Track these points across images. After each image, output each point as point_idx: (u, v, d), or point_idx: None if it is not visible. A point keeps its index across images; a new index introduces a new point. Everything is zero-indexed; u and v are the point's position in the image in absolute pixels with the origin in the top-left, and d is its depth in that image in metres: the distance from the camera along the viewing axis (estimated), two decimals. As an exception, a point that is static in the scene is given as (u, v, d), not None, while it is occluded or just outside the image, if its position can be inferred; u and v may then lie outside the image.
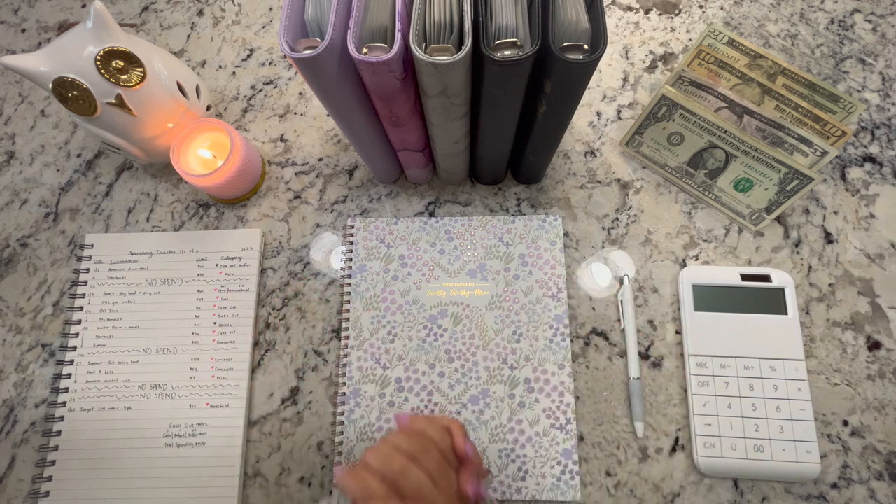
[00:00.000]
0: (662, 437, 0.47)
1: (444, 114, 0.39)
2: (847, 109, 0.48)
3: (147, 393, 0.50)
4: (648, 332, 0.50)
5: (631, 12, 0.61)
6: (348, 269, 0.52)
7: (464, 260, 0.52)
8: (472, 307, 0.50)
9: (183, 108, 0.51)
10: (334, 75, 0.34)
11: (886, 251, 0.51)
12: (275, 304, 0.53)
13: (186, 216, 0.56)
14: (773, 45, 0.58)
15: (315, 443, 0.49)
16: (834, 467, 0.45)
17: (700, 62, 0.49)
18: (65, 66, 0.44)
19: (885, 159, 0.53)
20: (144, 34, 0.63)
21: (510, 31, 0.33)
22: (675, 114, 0.49)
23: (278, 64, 0.61)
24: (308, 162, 0.57)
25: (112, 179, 0.58)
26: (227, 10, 0.64)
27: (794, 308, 0.48)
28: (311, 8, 0.35)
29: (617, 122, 0.56)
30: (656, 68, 0.58)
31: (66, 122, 0.61)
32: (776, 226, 0.52)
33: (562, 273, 0.51)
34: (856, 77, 0.56)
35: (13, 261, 0.56)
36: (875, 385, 0.47)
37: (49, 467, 0.48)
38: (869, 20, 0.59)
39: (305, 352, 0.51)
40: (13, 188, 0.58)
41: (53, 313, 0.54)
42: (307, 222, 0.55)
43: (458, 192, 0.55)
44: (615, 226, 0.53)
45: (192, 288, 0.53)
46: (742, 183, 0.50)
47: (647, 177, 0.54)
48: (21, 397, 0.51)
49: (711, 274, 0.49)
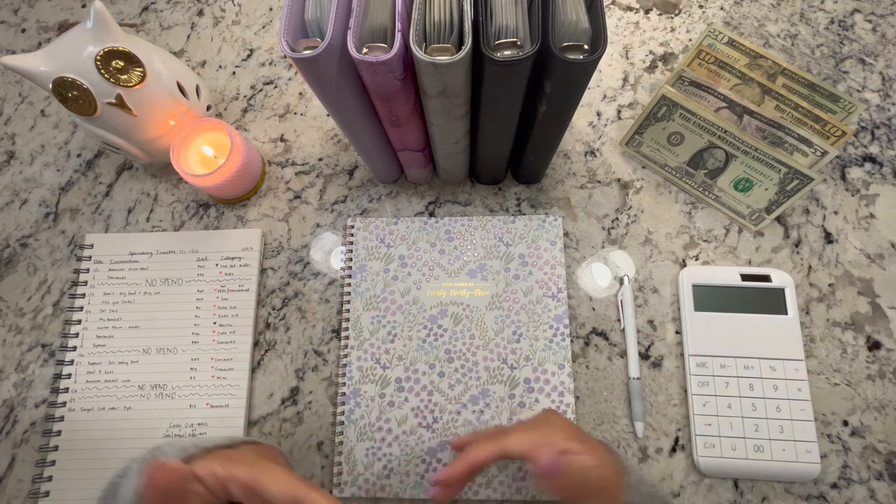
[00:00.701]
0: (662, 437, 0.47)
1: (444, 114, 0.39)
2: (847, 109, 0.48)
3: (147, 393, 0.50)
4: (648, 332, 0.50)
5: (631, 12, 0.61)
6: (348, 269, 0.52)
7: (464, 260, 0.52)
8: (472, 307, 0.50)
9: (183, 108, 0.51)
10: (334, 75, 0.34)
11: (886, 251, 0.51)
12: (275, 304, 0.53)
13: (186, 216, 0.56)
14: (773, 45, 0.58)
15: (315, 443, 0.49)
16: (834, 467, 0.45)
17: (700, 62, 0.49)
18: (65, 66, 0.44)
19: (885, 159, 0.53)
20: (144, 34, 0.63)
21: (510, 31, 0.33)
22: (675, 114, 0.49)
23: (278, 64, 0.61)
24: (308, 162, 0.57)
25: (112, 179, 0.58)
26: (227, 10, 0.64)
27: (794, 308, 0.48)
28: (311, 8, 0.35)
29: (617, 122, 0.56)
30: (656, 68, 0.58)
31: (66, 122, 0.61)
32: (776, 226, 0.52)
33: (562, 273, 0.51)
34: (856, 77, 0.56)
35: (13, 261, 0.56)
36: (875, 385, 0.47)
37: (49, 467, 0.48)
38: (869, 20, 0.59)
39: (305, 352, 0.51)
40: (13, 188, 0.58)
41: (53, 313, 0.54)
42: (307, 222, 0.55)
43: (458, 192, 0.55)
44: (615, 226, 0.53)
45: (192, 288, 0.53)
46: (742, 183, 0.50)
47: (647, 177, 0.54)
48: (21, 397, 0.51)
49: (711, 274, 0.49)
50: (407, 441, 0.47)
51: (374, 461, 0.47)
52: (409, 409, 0.48)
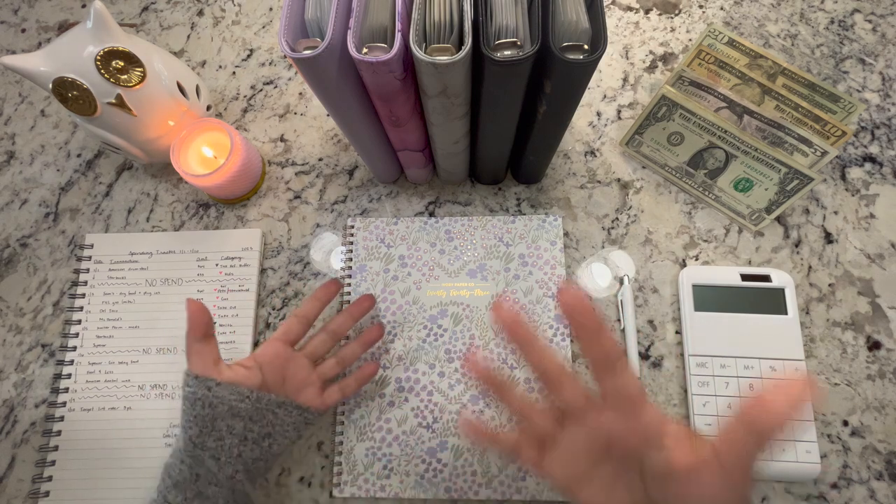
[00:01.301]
0: (662, 437, 0.47)
1: (444, 114, 0.39)
2: (847, 109, 0.48)
3: (147, 393, 0.50)
4: (648, 332, 0.50)
5: (631, 12, 0.61)
6: (348, 269, 0.52)
7: (464, 260, 0.52)
8: (472, 307, 0.50)
9: (183, 108, 0.51)
10: (334, 75, 0.34)
11: (886, 251, 0.51)
12: (275, 304, 0.53)
13: (186, 216, 0.56)
14: (773, 45, 0.58)
15: (315, 443, 0.49)
16: (834, 467, 0.45)
17: (700, 62, 0.49)
18: (65, 66, 0.44)
19: (885, 159, 0.53)
20: (144, 34, 0.63)
21: (510, 31, 0.33)
22: (675, 114, 0.49)
23: (278, 64, 0.61)
24: (308, 162, 0.57)
25: (112, 179, 0.58)
26: (227, 10, 0.64)
27: (794, 308, 0.48)
28: (311, 8, 0.35)
29: (617, 122, 0.56)
30: (656, 68, 0.58)
31: (66, 122, 0.61)
32: (776, 226, 0.52)
33: (562, 273, 0.51)
34: (856, 77, 0.56)
35: (13, 261, 0.56)
36: (875, 385, 0.47)
37: (49, 467, 0.48)
38: (869, 20, 0.59)
39: (305, 352, 0.51)
40: (13, 188, 0.58)
41: (53, 313, 0.54)
42: (307, 222, 0.55)
43: (458, 192, 0.55)
44: (615, 226, 0.53)
45: (192, 288, 0.53)
46: (742, 183, 0.50)
47: (647, 177, 0.54)
48: (21, 397, 0.51)
49: (711, 274, 0.49)
50: (407, 441, 0.47)
51: (374, 461, 0.47)
52: (409, 409, 0.48)
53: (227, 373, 0.40)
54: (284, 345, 0.44)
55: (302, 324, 0.45)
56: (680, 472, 0.27)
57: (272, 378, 0.42)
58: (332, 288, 0.46)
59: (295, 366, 0.43)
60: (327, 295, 0.46)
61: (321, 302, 0.46)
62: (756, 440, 0.26)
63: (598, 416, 0.30)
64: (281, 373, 0.43)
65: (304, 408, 0.42)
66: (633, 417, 0.29)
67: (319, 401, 0.44)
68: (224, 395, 0.39)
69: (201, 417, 0.38)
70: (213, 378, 0.39)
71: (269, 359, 0.43)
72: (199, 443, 0.38)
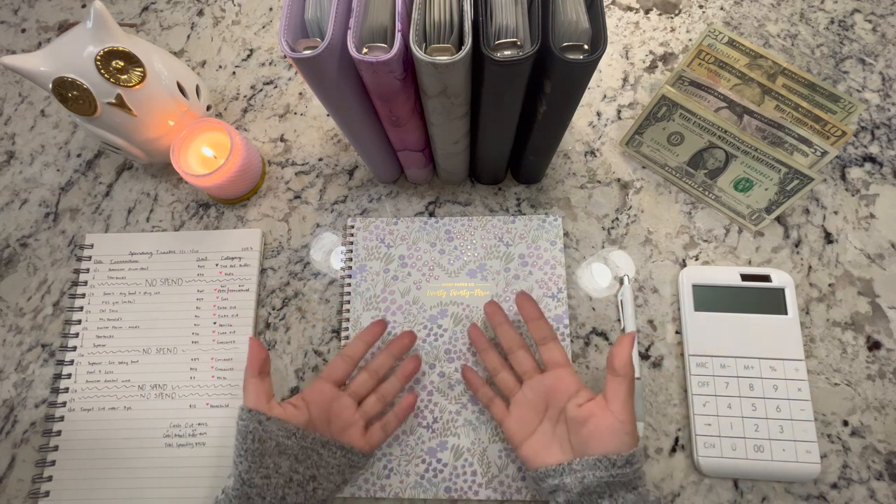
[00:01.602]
0: (662, 436, 0.47)
1: (444, 114, 0.39)
2: (847, 109, 0.48)
3: (147, 393, 0.50)
4: (648, 332, 0.50)
5: (631, 12, 0.61)
6: (348, 269, 0.52)
7: (464, 260, 0.52)
8: (472, 307, 0.50)
9: (183, 108, 0.51)
10: (334, 75, 0.34)
11: (886, 251, 0.51)
12: (275, 304, 0.53)
13: (186, 216, 0.56)
14: (773, 45, 0.58)
15: (315, 443, 0.49)
16: (834, 467, 0.45)
17: (700, 62, 0.49)
18: (65, 66, 0.44)
19: (885, 159, 0.53)
20: (144, 34, 0.63)
21: (510, 31, 0.33)
22: (675, 114, 0.49)
23: (278, 64, 0.61)
24: (308, 162, 0.57)
25: (112, 179, 0.58)
26: (227, 10, 0.64)
27: (794, 308, 0.48)
28: (311, 8, 0.35)
29: (617, 122, 0.56)
30: (656, 68, 0.58)
31: (66, 122, 0.61)
32: (776, 226, 0.52)
33: (562, 273, 0.51)
34: (856, 77, 0.56)
35: (13, 261, 0.56)
36: (875, 385, 0.47)
37: (49, 467, 0.48)
38: (869, 20, 0.59)
39: (305, 352, 0.51)
40: (13, 188, 0.58)
41: (53, 313, 0.54)
42: (307, 222, 0.55)
43: (458, 192, 0.55)
44: (615, 226, 0.53)
45: (192, 288, 0.53)
46: (742, 183, 0.50)
47: (647, 177, 0.54)
48: (21, 397, 0.51)
49: (711, 274, 0.49)
50: (407, 441, 0.47)
51: (374, 461, 0.47)
52: (409, 409, 0.48)
53: (277, 409, 0.41)
54: (330, 385, 0.44)
55: (347, 364, 0.45)
56: (587, 417, 0.39)
57: (318, 417, 0.43)
58: (376, 329, 0.47)
59: (339, 405, 0.44)
60: (373, 336, 0.47)
61: (367, 344, 0.46)
62: (620, 382, 0.39)
63: (541, 378, 0.43)
64: (326, 412, 0.43)
65: (348, 448, 0.43)
66: (559, 379, 0.42)
67: (363, 441, 0.44)
68: (273, 429, 0.39)
69: (251, 452, 0.39)
70: (265, 412, 0.40)
71: (315, 398, 0.43)
72: (247, 479, 0.38)
